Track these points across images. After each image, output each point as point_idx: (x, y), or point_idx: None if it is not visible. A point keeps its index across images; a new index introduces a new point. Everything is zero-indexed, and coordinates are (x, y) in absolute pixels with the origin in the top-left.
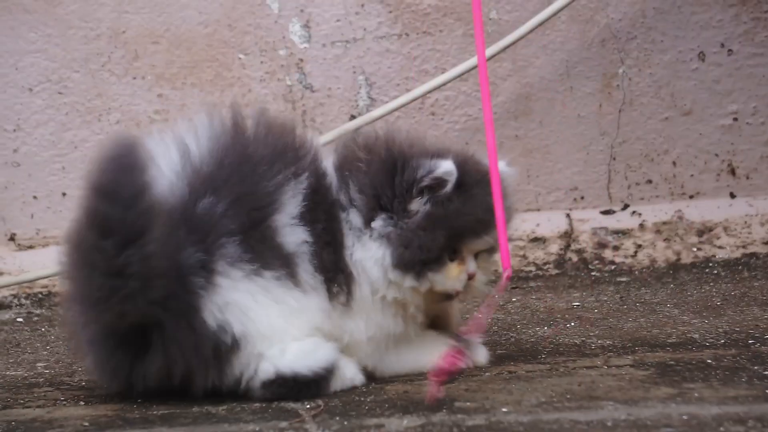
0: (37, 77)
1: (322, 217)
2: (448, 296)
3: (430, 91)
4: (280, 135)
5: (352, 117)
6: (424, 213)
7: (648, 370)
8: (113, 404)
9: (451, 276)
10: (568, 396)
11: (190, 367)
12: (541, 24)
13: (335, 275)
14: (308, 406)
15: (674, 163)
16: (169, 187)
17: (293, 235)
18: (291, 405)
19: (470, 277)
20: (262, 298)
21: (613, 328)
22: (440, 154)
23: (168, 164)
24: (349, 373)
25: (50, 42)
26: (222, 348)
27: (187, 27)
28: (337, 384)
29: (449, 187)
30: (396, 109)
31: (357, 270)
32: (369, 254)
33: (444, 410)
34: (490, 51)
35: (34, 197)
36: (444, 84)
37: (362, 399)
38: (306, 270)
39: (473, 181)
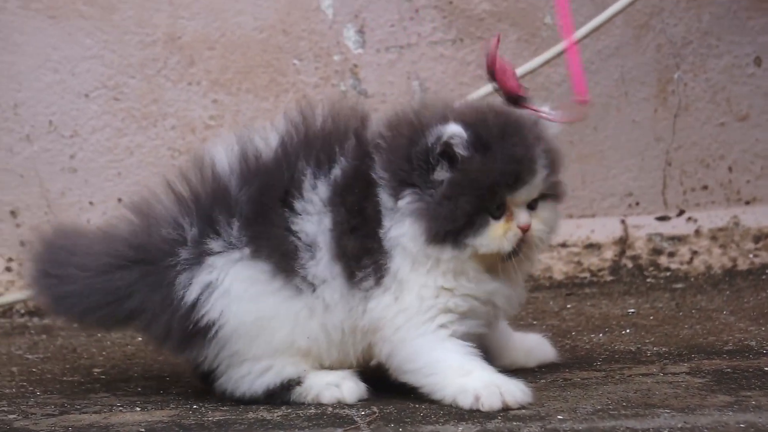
0: (94, 83)
1: (354, 201)
2: (508, 256)
3: (484, 97)
4: (320, 124)
5: None
6: (447, 180)
7: (704, 378)
8: (169, 410)
9: (496, 235)
10: (624, 403)
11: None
12: (595, 29)
13: (361, 259)
14: (363, 413)
15: (730, 169)
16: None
17: (311, 224)
18: (346, 412)
19: (524, 230)
20: (251, 289)
21: (669, 335)
22: (448, 117)
23: (227, 158)
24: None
25: (107, 48)
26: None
27: (242, 32)
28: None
29: (461, 149)
30: None
31: (392, 246)
32: (402, 231)
33: (499, 417)
34: (543, 57)
35: (90, 203)
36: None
37: (417, 405)
38: (322, 260)
39: (493, 134)
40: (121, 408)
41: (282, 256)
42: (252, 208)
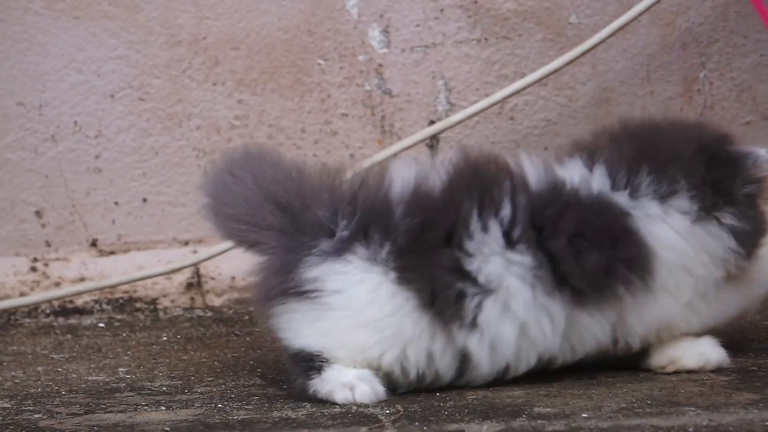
0: (119, 83)
1: (567, 229)
2: None
3: (509, 96)
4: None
5: (431, 122)
6: (746, 196)
7: (729, 376)
8: (194, 409)
9: None
10: (649, 401)
11: None
12: (621, 28)
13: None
14: (387, 411)
15: None
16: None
17: (493, 265)
18: (370, 410)
19: None
20: (388, 302)
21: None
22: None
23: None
24: None
25: (132, 48)
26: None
27: (267, 33)
28: None
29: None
30: (475, 114)
31: (661, 247)
32: (708, 241)
33: (524, 415)
34: (569, 56)
35: (116, 203)
36: (523, 89)
37: (442, 404)
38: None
39: None
40: (146, 407)
41: (435, 297)
42: (409, 240)
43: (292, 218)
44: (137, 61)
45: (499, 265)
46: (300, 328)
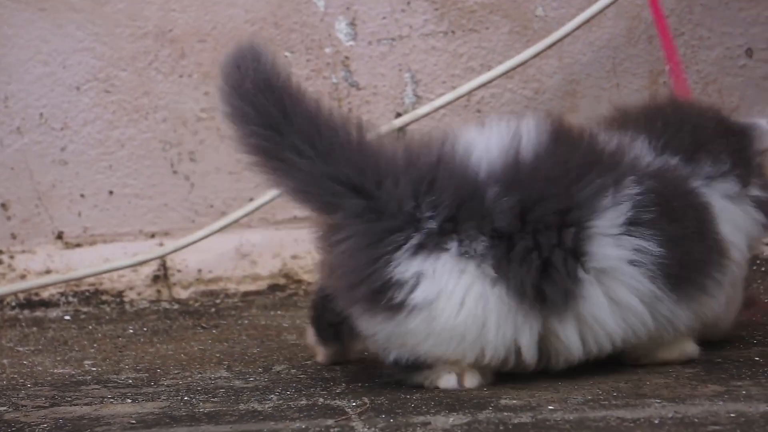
0: (85, 75)
1: (683, 214)
2: None
3: (476, 89)
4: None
5: (398, 115)
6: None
7: (695, 368)
8: (160, 402)
9: None
10: (615, 393)
11: None
12: (587, 21)
13: (705, 265)
14: (354, 404)
15: None
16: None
17: (610, 247)
18: (337, 402)
19: None
20: (478, 305)
21: None
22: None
23: (487, 158)
24: None
25: (98, 40)
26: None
27: (234, 25)
28: None
29: None
30: (442, 107)
31: (729, 242)
32: (745, 219)
33: (490, 408)
34: (535, 48)
35: (82, 195)
36: (490, 81)
37: (409, 397)
38: (630, 282)
39: None
40: (111, 400)
41: (541, 288)
42: (509, 221)
43: (368, 202)
44: (103, 53)
45: (616, 248)
46: (390, 339)
